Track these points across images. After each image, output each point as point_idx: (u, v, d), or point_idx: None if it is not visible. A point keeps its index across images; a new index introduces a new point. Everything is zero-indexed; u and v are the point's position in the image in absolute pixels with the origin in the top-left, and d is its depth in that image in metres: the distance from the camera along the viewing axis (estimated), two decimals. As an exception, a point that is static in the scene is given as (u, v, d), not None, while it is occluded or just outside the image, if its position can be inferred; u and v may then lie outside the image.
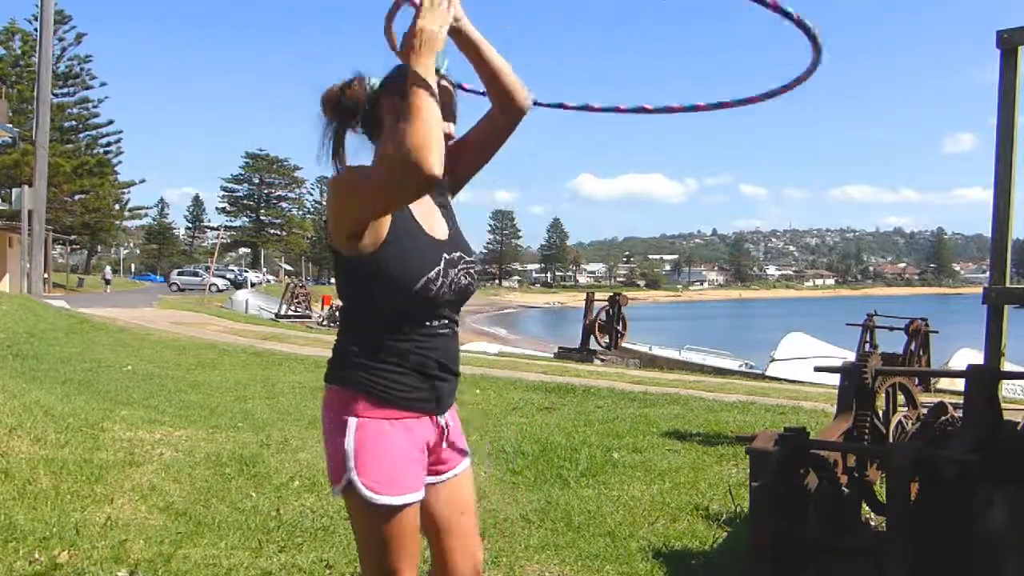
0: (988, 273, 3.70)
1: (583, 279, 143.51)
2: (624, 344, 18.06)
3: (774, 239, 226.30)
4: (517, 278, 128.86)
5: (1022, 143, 3.58)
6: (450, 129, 1.81)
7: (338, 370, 1.79)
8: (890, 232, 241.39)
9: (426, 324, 1.79)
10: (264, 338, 15.69)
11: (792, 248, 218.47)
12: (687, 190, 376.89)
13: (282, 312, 25.69)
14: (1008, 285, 3.58)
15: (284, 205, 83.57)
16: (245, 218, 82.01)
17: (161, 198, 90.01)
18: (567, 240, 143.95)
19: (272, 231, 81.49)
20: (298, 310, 25.70)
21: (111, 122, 51.00)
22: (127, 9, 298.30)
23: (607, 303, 18.26)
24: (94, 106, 49.56)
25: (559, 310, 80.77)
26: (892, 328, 13.98)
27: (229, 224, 79.96)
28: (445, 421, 1.88)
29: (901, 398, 3.61)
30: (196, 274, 48.95)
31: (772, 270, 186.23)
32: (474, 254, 1.93)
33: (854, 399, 3.25)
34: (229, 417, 6.43)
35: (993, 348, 3.51)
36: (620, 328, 17.89)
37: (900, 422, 3.37)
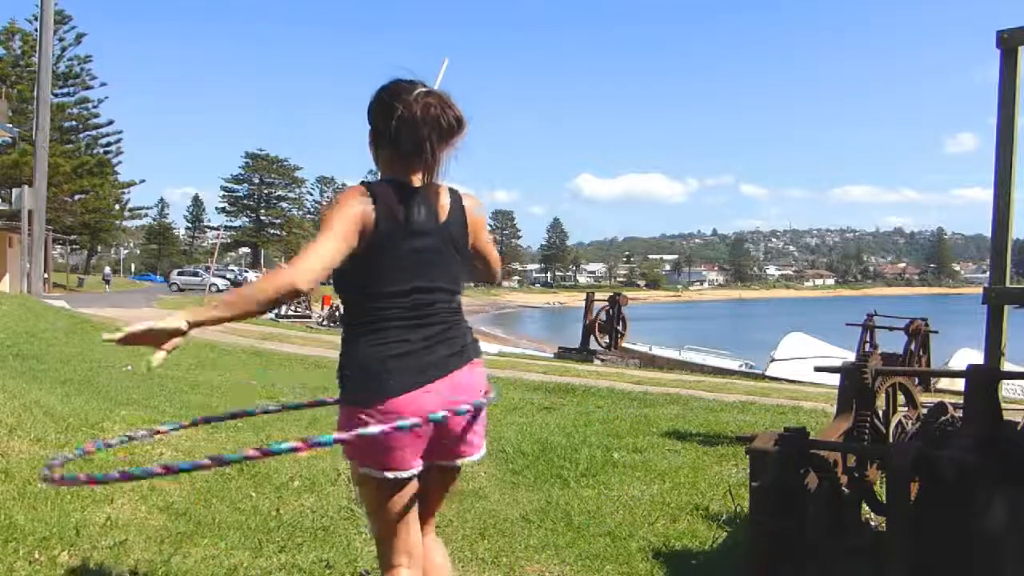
0: (988, 273, 3.70)
1: (583, 279, 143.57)
2: (624, 344, 18.08)
3: (774, 239, 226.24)
4: (517, 278, 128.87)
5: (1022, 143, 3.58)
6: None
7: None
8: (890, 232, 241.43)
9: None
10: (264, 338, 15.68)
11: (792, 248, 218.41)
12: (687, 190, 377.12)
13: (282, 312, 25.70)
14: (1008, 285, 3.58)
15: (284, 205, 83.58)
16: (245, 218, 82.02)
17: (161, 198, 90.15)
18: (567, 240, 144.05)
19: (272, 231, 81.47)
20: (298, 310, 25.72)
21: (111, 122, 51.10)
22: (127, 9, 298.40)
23: (607, 303, 18.27)
24: (94, 106, 49.64)
25: (559, 310, 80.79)
26: (892, 328, 13.99)
27: (229, 224, 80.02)
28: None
29: (901, 398, 3.61)
30: (196, 274, 48.94)
31: (772, 270, 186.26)
32: None
33: (854, 399, 3.25)
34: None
35: (993, 348, 3.51)
36: (620, 328, 17.90)
37: (900, 422, 3.37)
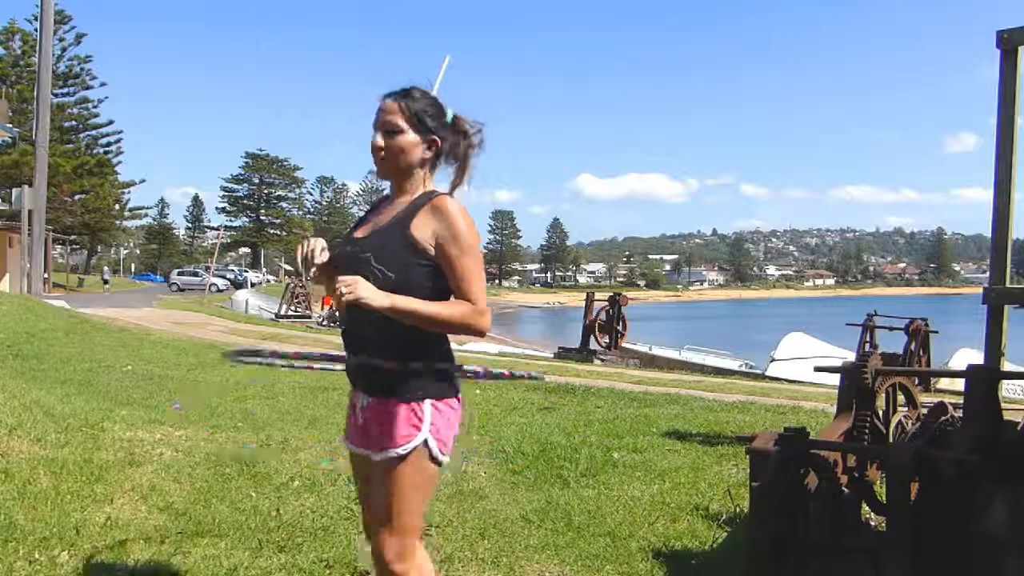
0: (988, 273, 3.70)
1: (583, 279, 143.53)
2: (624, 344, 18.07)
3: (774, 239, 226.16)
4: (517, 278, 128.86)
5: (1022, 143, 3.58)
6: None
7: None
8: (890, 232, 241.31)
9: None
10: (264, 338, 15.69)
11: (792, 248, 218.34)
12: (688, 190, 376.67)
13: (282, 312, 25.69)
14: (1008, 285, 3.58)
15: (284, 205, 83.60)
16: (245, 218, 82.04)
17: (161, 198, 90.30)
18: (567, 240, 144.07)
19: (272, 231, 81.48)
20: (298, 310, 25.70)
21: (111, 122, 51.07)
22: (127, 9, 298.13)
23: (607, 303, 18.26)
24: (94, 106, 49.63)
25: (559, 310, 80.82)
26: (892, 328, 13.99)
27: (229, 224, 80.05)
28: (362, 401, 2.14)
29: (901, 398, 3.61)
30: (196, 274, 48.97)
31: (772, 270, 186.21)
32: (387, 255, 2.03)
33: (854, 399, 3.24)
34: (229, 417, 6.43)
35: (993, 348, 3.51)
36: (620, 328, 17.90)
37: (900, 422, 3.37)
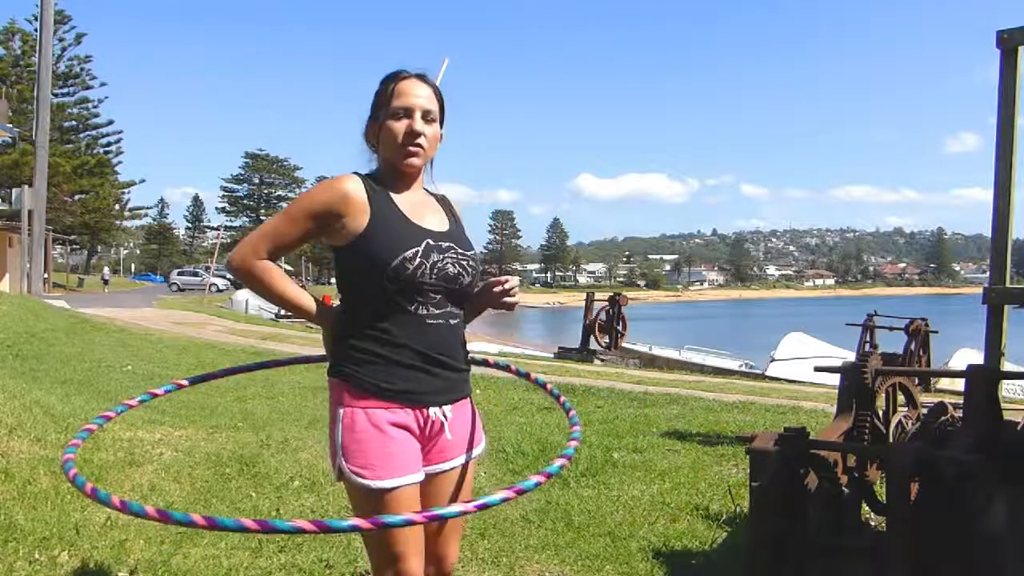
0: (988, 273, 3.70)
1: (583, 279, 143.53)
2: (624, 344, 18.06)
3: (774, 239, 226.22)
4: (517, 278, 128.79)
5: (1022, 143, 3.58)
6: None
7: (333, 362, 1.90)
8: (890, 232, 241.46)
9: (409, 310, 1.84)
10: (264, 338, 15.69)
11: (792, 248, 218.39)
12: (688, 190, 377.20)
13: (282, 312, 25.67)
14: (1008, 285, 3.57)
15: (284, 205, 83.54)
16: (245, 218, 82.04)
17: (161, 198, 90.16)
18: (567, 240, 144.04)
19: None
20: (298, 310, 25.64)
21: (111, 122, 51.13)
22: (127, 9, 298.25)
23: (607, 303, 18.25)
24: (94, 106, 49.66)
25: (559, 310, 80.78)
26: (892, 328, 13.98)
27: (229, 224, 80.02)
28: (440, 415, 1.91)
29: (901, 398, 3.61)
30: (196, 274, 48.98)
31: (772, 270, 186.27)
32: (473, 251, 1.98)
33: (854, 399, 3.24)
34: (229, 417, 6.43)
35: (993, 348, 3.51)
36: (620, 328, 17.89)
37: (900, 422, 3.37)
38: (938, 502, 2.53)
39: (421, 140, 1.89)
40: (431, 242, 1.86)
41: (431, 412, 1.89)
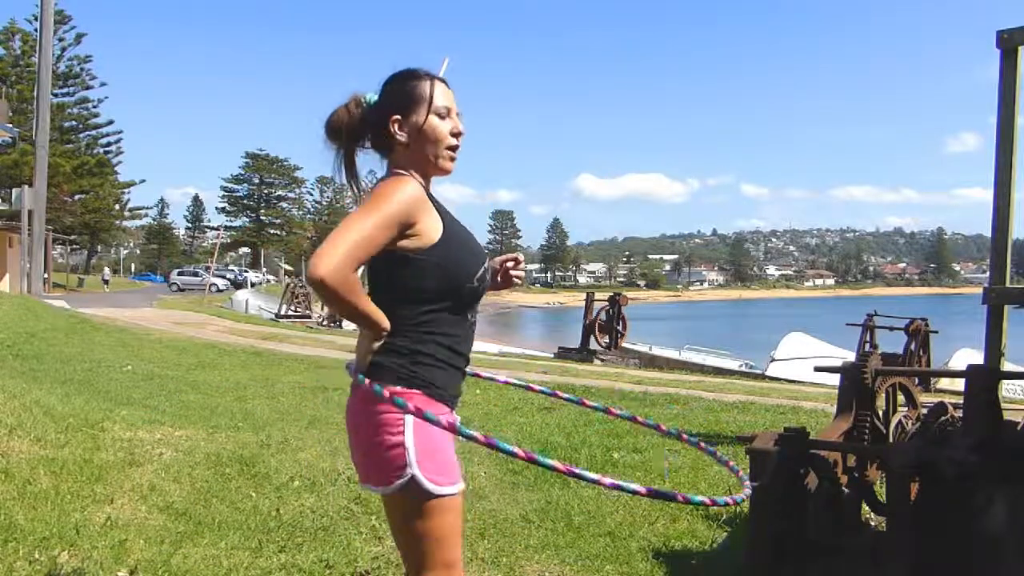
0: (988, 273, 3.70)
1: (583, 279, 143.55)
2: (624, 344, 18.07)
3: (774, 239, 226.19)
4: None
5: (1022, 143, 3.58)
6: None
7: (393, 368, 1.78)
8: (890, 232, 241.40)
9: (469, 319, 1.87)
10: (264, 338, 15.69)
11: (792, 248, 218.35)
12: (689, 190, 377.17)
13: (282, 312, 25.69)
14: (1008, 285, 3.57)
15: (284, 205, 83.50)
16: (245, 218, 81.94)
17: (161, 198, 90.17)
18: (567, 240, 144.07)
19: (272, 231, 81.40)
20: (298, 310, 25.71)
21: (111, 122, 51.08)
22: (127, 9, 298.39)
23: (607, 303, 18.26)
24: (94, 106, 49.64)
25: (559, 310, 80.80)
26: (892, 328, 14.00)
27: (229, 224, 79.91)
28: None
29: (901, 398, 3.61)
30: (196, 274, 48.94)
31: (772, 270, 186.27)
32: None
33: (854, 399, 3.25)
34: (229, 417, 6.42)
35: (993, 348, 3.51)
36: (620, 328, 17.90)
37: (900, 422, 3.37)
38: (938, 502, 2.53)
39: (459, 140, 1.91)
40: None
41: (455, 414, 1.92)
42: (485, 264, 1.88)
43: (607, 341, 17.74)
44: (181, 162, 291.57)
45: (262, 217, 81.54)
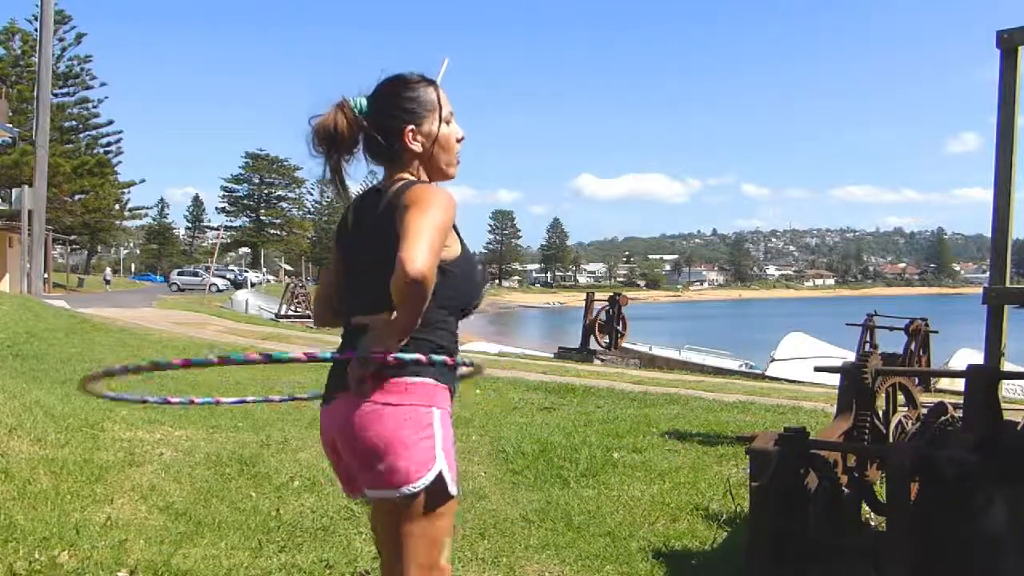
0: (988, 273, 3.70)
1: (583, 279, 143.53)
2: (624, 344, 18.06)
3: (774, 239, 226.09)
4: (517, 278, 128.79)
5: (1022, 143, 3.58)
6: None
7: (421, 363, 1.74)
8: (890, 232, 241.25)
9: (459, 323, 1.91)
10: (264, 338, 15.69)
11: (792, 248, 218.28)
12: (688, 190, 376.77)
13: (282, 312, 25.71)
14: (1008, 285, 3.58)
15: (284, 205, 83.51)
16: (245, 218, 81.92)
17: (161, 198, 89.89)
18: (567, 240, 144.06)
19: (272, 231, 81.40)
20: (298, 310, 25.71)
21: (111, 122, 50.99)
22: (127, 9, 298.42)
23: (607, 303, 18.26)
24: (94, 106, 49.57)
25: (559, 310, 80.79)
26: (892, 328, 13.99)
27: (229, 224, 79.89)
28: None
29: (901, 398, 3.61)
30: (196, 274, 48.94)
31: (772, 270, 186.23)
32: None
33: (854, 399, 3.25)
34: (229, 417, 6.42)
35: (993, 348, 3.51)
36: (620, 328, 17.90)
37: (900, 422, 3.37)
38: (938, 502, 2.54)
39: None
40: None
41: None
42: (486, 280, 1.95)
43: (607, 341, 17.73)
44: (181, 162, 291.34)
45: (262, 217, 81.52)
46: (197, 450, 4.83)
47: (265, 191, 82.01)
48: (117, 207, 52.01)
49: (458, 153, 1.92)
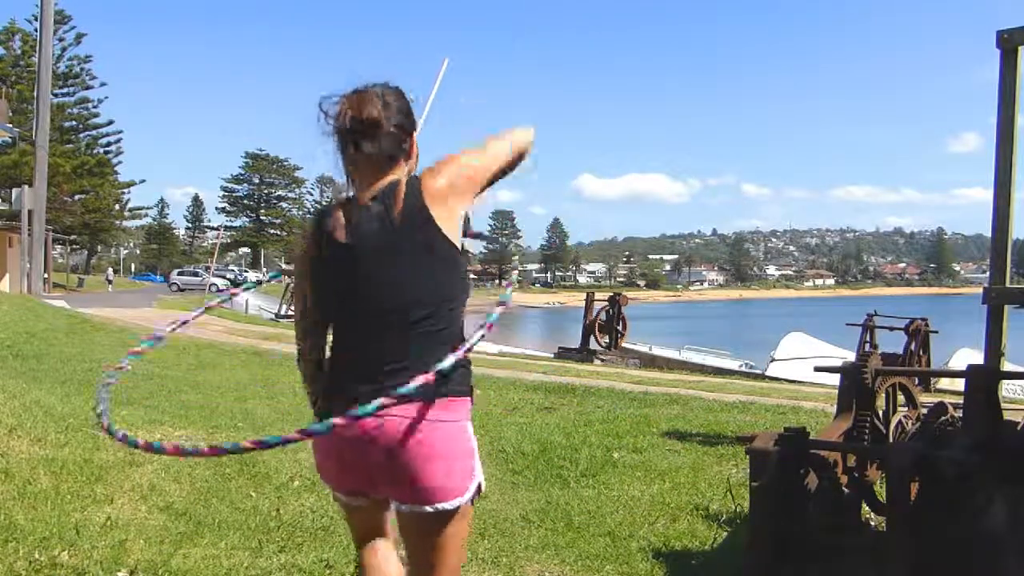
0: (988, 273, 3.70)
1: (583, 279, 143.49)
2: (624, 344, 18.06)
3: (774, 239, 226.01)
4: (517, 278, 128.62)
5: (1022, 143, 3.58)
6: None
7: (463, 378, 1.78)
8: (890, 232, 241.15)
9: None
10: (264, 338, 15.70)
11: (792, 248, 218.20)
12: (690, 190, 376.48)
13: (282, 312, 25.69)
14: (1008, 285, 3.58)
15: (284, 205, 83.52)
16: (245, 218, 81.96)
17: (161, 198, 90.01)
18: (567, 240, 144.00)
19: (272, 231, 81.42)
20: (298, 310, 25.67)
21: (111, 122, 50.98)
22: (127, 9, 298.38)
23: (607, 303, 18.26)
24: (94, 106, 49.56)
25: (559, 310, 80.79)
26: (892, 328, 13.97)
27: (229, 224, 79.93)
28: None
29: (901, 398, 3.61)
30: (196, 274, 48.91)
31: (772, 270, 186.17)
32: None
33: (854, 399, 3.25)
34: (229, 417, 6.42)
35: (993, 348, 3.51)
36: (620, 328, 17.89)
37: (900, 422, 3.37)
38: (938, 502, 2.53)
39: None
40: None
41: None
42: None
43: (607, 341, 17.73)
44: (181, 162, 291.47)
45: (262, 217, 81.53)
46: (197, 450, 4.82)
47: (265, 191, 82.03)
48: (117, 207, 52.01)
49: None
